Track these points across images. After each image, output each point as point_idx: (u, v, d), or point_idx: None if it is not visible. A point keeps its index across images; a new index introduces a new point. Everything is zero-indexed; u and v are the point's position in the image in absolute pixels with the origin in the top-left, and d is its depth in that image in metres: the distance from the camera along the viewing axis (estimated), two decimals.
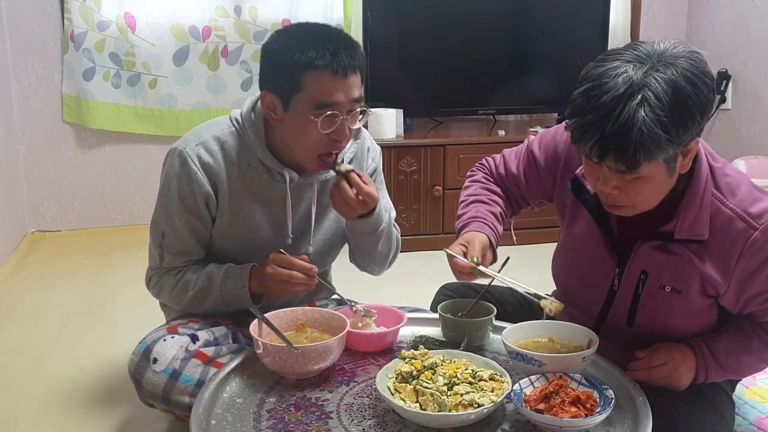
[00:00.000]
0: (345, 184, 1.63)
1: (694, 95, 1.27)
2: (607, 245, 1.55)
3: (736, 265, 1.42)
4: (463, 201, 1.76)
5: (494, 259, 1.64)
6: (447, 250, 1.58)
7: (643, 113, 1.25)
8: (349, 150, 1.76)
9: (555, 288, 1.78)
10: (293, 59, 1.54)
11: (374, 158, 1.87)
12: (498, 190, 1.77)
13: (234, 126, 1.69)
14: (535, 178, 1.71)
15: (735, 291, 1.46)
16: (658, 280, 1.50)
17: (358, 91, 1.60)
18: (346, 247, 1.92)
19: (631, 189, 1.36)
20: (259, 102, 1.68)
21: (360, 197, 1.64)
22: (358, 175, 1.65)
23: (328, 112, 1.55)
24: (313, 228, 1.77)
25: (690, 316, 1.51)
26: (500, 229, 1.69)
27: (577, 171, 1.55)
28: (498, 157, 1.81)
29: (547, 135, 1.69)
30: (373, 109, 3.41)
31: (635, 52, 1.31)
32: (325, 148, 1.61)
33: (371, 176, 1.85)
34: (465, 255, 1.57)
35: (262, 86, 1.62)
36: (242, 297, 1.67)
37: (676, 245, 1.46)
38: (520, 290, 1.55)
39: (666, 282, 1.49)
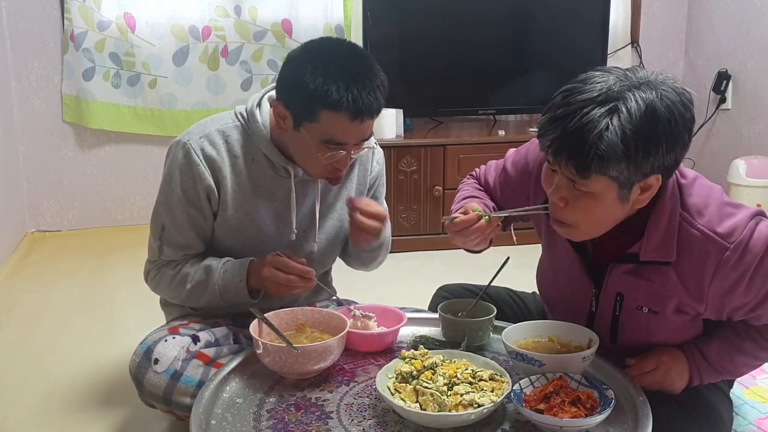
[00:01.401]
0: (361, 218, 1.65)
1: (665, 122, 1.26)
2: (583, 267, 1.54)
3: (710, 285, 1.40)
4: (457, 198, 1.76)
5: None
6: (445, 217, 1.55)
7: (608, 121, 1.24)
8: None
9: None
10: (314, 91, 1.49)
11: (379, 161, 1.86)
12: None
13: (239, 120, 1.69)
14: (509, 194, 1.70)
15: (714, 307, 1.43)
16: (634, 301, 1.48)
17: (370, 131, 1.59)
18: None
19: (578, 205, 1.34)
20: (265, 97, 1.67)
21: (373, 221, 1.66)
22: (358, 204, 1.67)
23: (333, 150, 1.55)
24: (317, 225, 1.77)
25: (672, 332, 1.50)
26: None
27: None
28: (483, 167, 1.81)
29: (520, 152, 1.68)
30: None
31: (626, 71, 1.32)
32: (327, 172, 1.62)
33: (375, 179, 1.86)
34: None
35: (278, 96, 1.59)
36: (240, 291, 1.65)
37: (646, 269, 1.44)
38: (521, 213, 1.53)
39: (642, 303, 1.47)
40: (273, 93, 1.65)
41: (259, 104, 1.68)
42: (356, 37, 3.70)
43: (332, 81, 1.49)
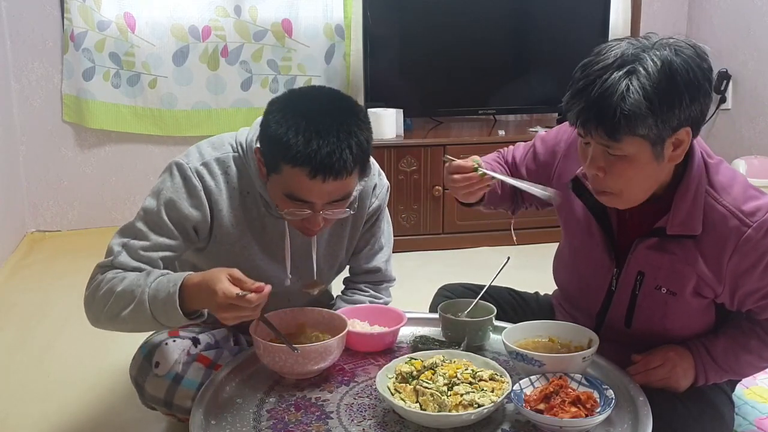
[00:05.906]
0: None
1: (684, 72, 1.30)
2: (605, 246, 1.56)
3: (728, 262, 1.42)
4: None
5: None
6: (446, 157, 1.56)
7: (628, 81, 1.28)
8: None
9: (555, 288, 1.78)
10: (276, 141, 1.40)
11: (378, 195, 1.75)
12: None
13: (237, 151, 1.60)
14: (532, 172, 1.71)
15: (729, 288, 1.45)
16: (654, 281, 1.50)
17: (341, 192, 1.46)
18: None
19: (616, 170, 1.36)
20: None
21: None
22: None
23: (298, 206, 1.46)
24: (315, 269, 1.68)
25: (687, 317, 1.51)
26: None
27: (578, 171, 1.55)
28: (512, 147, 1.82)
29: (552, 132, 1.71)
30: (373, 109, 3.42)
31: (638, 38, 1.36)
32: (300, 225, 1.52)
33: (372, 215, 1.76)
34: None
35: (259, 138, 1.51)
36: (169, 300, 1.41)
37: (671, 243, 1.46)
38: (523, 187, 1.55)
39: (662, 283, 1.49)
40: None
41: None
42: (356, 37, 3.70)
43: (294, 133, 1.39)
